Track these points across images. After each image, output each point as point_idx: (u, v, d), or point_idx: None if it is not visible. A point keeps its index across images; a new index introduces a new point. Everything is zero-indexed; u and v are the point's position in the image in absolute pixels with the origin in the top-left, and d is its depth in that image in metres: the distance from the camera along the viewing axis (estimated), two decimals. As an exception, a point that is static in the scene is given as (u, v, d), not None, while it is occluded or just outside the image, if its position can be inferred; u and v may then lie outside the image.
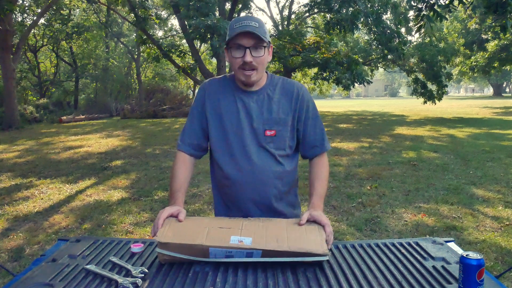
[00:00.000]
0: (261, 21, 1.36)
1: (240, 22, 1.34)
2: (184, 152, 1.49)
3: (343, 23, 12.30)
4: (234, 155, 1.43)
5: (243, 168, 1.42)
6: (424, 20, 5.74)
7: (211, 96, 1.48)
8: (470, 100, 37.53)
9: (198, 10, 10.60)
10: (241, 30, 1.31)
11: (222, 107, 1.46)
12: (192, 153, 1.50)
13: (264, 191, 1.43)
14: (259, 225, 1.25)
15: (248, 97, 1.44)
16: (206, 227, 1.21)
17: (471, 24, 21.26)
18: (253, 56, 1.34)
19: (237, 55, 1.35)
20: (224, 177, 1.46)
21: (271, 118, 1.42)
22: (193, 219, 1.35)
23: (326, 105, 33.58)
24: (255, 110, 1.43)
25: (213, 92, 1.49)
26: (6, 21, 13.21)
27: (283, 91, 1.46)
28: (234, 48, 1.35)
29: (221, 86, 1.49)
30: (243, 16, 1.39)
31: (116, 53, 26.15)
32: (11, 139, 11.44)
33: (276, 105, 1.44)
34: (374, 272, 1.13)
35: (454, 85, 71.76)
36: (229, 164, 1.44)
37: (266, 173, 1.42)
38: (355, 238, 3.45)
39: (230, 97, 1.46)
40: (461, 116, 17.10)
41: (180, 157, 1.49)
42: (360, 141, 9.49)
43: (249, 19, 1.35)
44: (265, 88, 1.46)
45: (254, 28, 1.32)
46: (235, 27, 1.33)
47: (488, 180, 5.32)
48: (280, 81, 1.49)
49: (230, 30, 1.35)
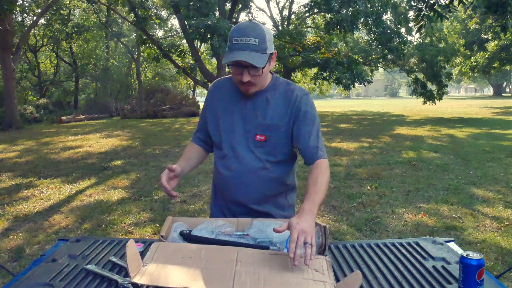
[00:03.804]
0: (262, 33, 1.30)
1: (239, 38, 1.28)
2: (195, 143, 1.62)
3: (343, 23, 12.31)
4: (226, 155, 1.46)
5: (232, 169, 1.44)
6: (424, 20, 5.74)
7: (214, 96, 1.54)
8: (470, 100, 37.53)
9: (198, 10, 10.61)
10: (236, 58, 1.27)
11: (221, 108, 1.48)
12: (202, 145, 1.61)
13: (247, 193, 1.44)
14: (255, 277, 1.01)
15: (247, 99, 1.44)
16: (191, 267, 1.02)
17: (471, 24, 21.26)
18: (251, 74, 1.33)
19: (235, 72, 1.34)
20: (218, 174, 1.52)
21: (264, 123, 1.41)
22: (180, 247, 1.15)
23: (326, 105, 33.58)
24: (251, 113, 1.43)
25: (218, 92, 1.53)
26: (6, 21, 13.20)
27: (283, 96, 1.43)
28: (232, 64, 1.33)
29: (226, 87, 1.51)
30: (244, 27, 1.31)
31: (116, 53, 26.14)
32: (11, 139, 11.44)
33: (272, 110, 1.42)
34: (374, 272, 1.13)
35: (454, 85, 71.77)
36: (221, 163, 1.49)
37: (251, 177, 1.43)
38: (355, 238, 3.44)
39: (230, 98, 1.47)
40: (461, 116, 17.10)
41: (190, 143, 1.64)
42: (360, 141, 9.49)
43: (250, 34, 1.28)
44: (266, 91, 1.44)
45: (254, 46, 1.28)
46: (235, 42, 1.29)
47: (488, 180, 5.32)
48: (283, 85, 1.46)
49: (230, 43, 1.31)
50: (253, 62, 1.27)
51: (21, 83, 20.88)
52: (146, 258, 1.07)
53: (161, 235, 1.23)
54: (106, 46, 25.22)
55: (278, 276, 1.01)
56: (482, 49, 21.91)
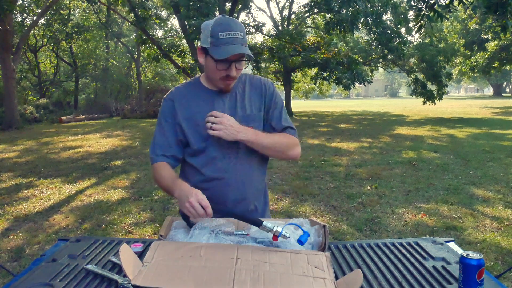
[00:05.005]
0: (242, 27, 1.32)
1: (228, 33, 1.28)
2: (166, 162, 1.44)
3: (343, 23, 12.31)
4: (215, 158, 1.41)
5: (224, 169, 1.41)
6: (424, 20, 5.74)
7: (182, 105, 1.44)
8: (470, 100, 37.53)
9: (198, 10, 10.62)
10: (234, 52, 1.28)
11: (197, 113, 1.41)
12: (172, 163, 1.45)
13: (245, 190, 1.45)
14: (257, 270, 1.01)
15: (220, 97, 1.43)
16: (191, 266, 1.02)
17: (471, 24, 21.25)
18: (237, 69, 1.35)
19: (222, 68, 1.33)
20: (204, 181, 1.42)
21: (246, 115, 1.43)
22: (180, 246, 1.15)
23: (326, 105, 33.58)
24: (230, 109, 1.42)
25: (183, 100, 1.44)
26: (6, 21, 13.20)
27: (252, 88, 1.47)
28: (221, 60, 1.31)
29: (190, 93, 1.46)
30: (226, 21, 1.31)
31: (116, 53, 26.15)
32: (11, 139, 11.44)
33: (248, 102, 1.45)
34: (374, 272, 1.13)
35: (454, 85, 71.71)
36: (209, 167, 1.42)
37: (249, 173, 1.45)
38: (355, 238, 3.44)
39: (202, 101, 1.43)
40: (461, 116, 17.10)
41: (157, 166, 1.42)
42: (360, 141, 9.49)
43: (235, 28, 1.29)
44: (235, 87, 1.45)
45: (241, 40, 1.30)
46: (222, 37, 1.28)
47: (488, 180, 5.32)
48: (247, 77, 1.50)
49: (214, 38, 1.29)
50: (246, 52, 1.30)
51: (21, 83, 20.88)
52: (146, 258, 1.07)
53: (161, 235, 1.23)
54: (106, 46, 25.23)
55: (278, 274, 1.01)
56: (482, 49, 21.90)
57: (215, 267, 1.02)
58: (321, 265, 1.06)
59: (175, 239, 1.24)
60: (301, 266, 1.04)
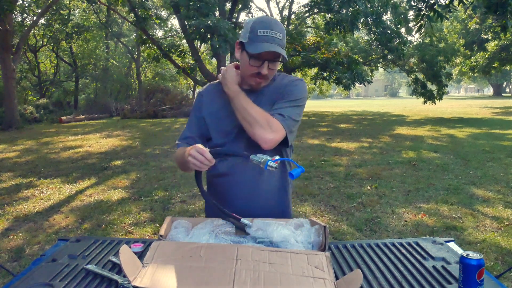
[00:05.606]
0: (283, 29, 1.33)
1: (266, 31, 1.29)
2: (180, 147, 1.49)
3: (343, 23, 12.31)
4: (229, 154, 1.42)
5: (233, 166, 1.43)
6: (424, 20, 5.74)
7: (209, 101, 1.49)
8: (470, 100, 37.53)
9: (198, 10, 10.61)
10: (268, 48, 1.28)
11: (220, 109, 1.45)
12: None
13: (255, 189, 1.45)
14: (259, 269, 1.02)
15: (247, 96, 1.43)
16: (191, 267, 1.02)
17: (471, 24, 21.26)
18: (270, 68, 1.34)
19: (255, 64, 1.33)
20: (217, 176, 1.47)
21: None
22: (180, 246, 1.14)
23: (326, 105, 33.58)
24: None
25: (211, 97, 1.50)
26: (6, 21, 13.21)
27: (278, 87, 1.44)
28: (254, 56, 1.32)
29: (219, 91, 1.48)
30: (267, 20, 1.33)
31: (116, 53, 26.14)
32: (11, 139, 11.44)
33: (270, 102, 1.42)
34: (374, 272, 1.13)
35: (454, 85, 71.74)
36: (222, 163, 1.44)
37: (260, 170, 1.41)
38: (355, 238, 3.44)
39: (226, 100, 1.44)
40: (461, 116, 17.10)
41: (177, 151, 1.48)
42: (360, 141, 9.49)
43: (274, 28, 1.30)
44: (265, 87, 1.44)
45: (279, 41, 1.30)
46: (260, 34, 1.29)
47: (488, 180, 5.32)
48: (280, 78, 1.48)
49: (252, 34, 1.31)
50: (282, 52, 1.30)
51: (21, 83, 20.88)
52: (146, 258, 1.07)
53: (160, 235, 1.23)
54: (106, 46, 25.21)
55: (278, 274, 1.01)
56: (482, 49, 21.92)
57: (215, 267, 1.02)
58: (321, 265, 1.06)
59: (175, 239, 1.24)
60: (301, 266, 1.04)
